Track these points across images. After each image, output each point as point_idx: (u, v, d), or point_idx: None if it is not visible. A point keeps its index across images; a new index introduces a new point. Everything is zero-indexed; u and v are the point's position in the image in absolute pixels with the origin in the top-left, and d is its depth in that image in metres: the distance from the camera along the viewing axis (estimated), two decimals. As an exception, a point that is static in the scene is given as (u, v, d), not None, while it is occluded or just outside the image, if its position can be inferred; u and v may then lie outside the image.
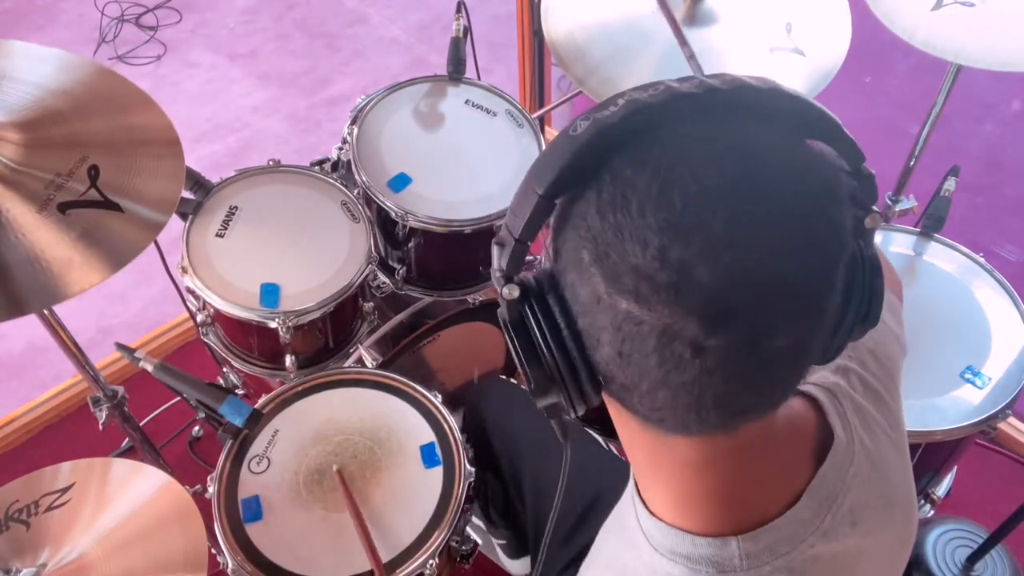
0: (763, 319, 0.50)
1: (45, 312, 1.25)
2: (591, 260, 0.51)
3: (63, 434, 2.08)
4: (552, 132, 2.67)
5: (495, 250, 0.57)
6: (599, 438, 1.46)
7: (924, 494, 1.62)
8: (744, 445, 0.60)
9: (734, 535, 0.61)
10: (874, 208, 0.58)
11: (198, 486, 1.26)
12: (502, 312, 0.58)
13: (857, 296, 0.56)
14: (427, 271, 1.69)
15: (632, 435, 0.63)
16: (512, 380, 1.70)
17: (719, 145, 0.51)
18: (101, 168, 1.11)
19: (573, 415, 0.60)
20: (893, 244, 1.60)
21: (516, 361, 0.58)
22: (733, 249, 0.49)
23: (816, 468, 0.65)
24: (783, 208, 0.50)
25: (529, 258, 0.61)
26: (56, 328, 1.29)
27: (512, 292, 0.56)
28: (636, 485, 0.68)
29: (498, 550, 1.53)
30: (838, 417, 0.68)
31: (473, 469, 1.30)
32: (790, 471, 0.65)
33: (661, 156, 0.51)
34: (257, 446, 1.32)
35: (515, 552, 1.49)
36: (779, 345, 0.52)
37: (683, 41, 1.36)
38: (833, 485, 0.65)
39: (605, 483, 1.25)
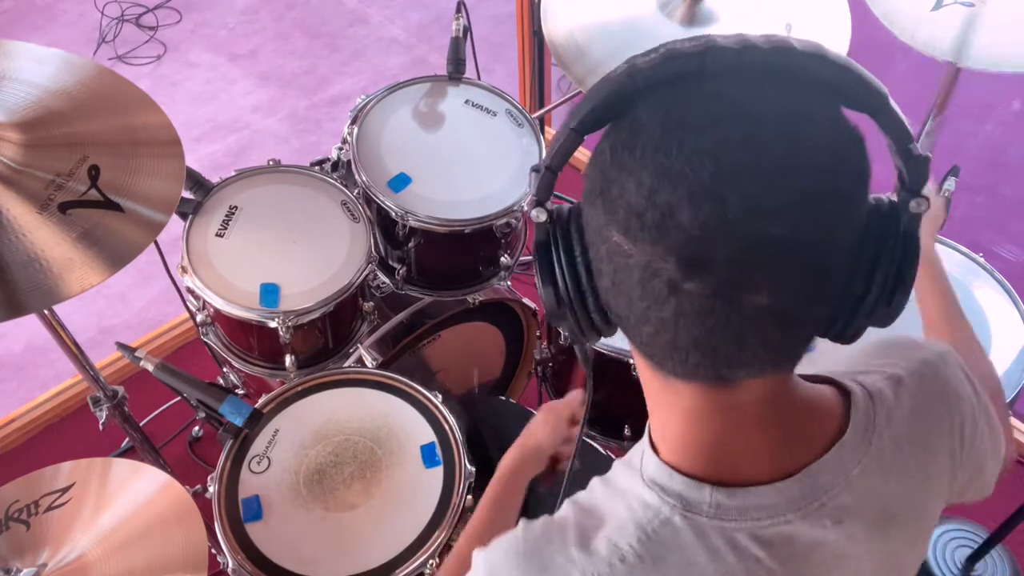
0: (741, 273, 0.52)
1: (45, 312, 1.25)
2: (598, 192, 0.55)
3: (63, 434, 2.08)
4: (552, 132, 2.67)
5: (531, 177, 0.61)
6: (596, 445, 1.46)
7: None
8: (744, 405, 0.61)
9: (710, 484, 0.63)
10: (923, 192, 0.57)
11: (198, 486, 1.26)
12: (537, 237, 0.62)
13: (882, 277, 0.57)
14: (427, 271, 1.69)
15: (643, 372, 0.65)
16: (511, 400, 1.70)
17: (731, 103, 0.53)
18: (101, 168, 1.11)
19: (586, 343, 0.64)
20: (893, 244, 1.59)
21: (536, 281, 0.63)
22: (716, 200, 0.50)
23: (822, 455, 0.65)
24: (778, 170, 0.51)
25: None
26: (56, 328, 1.29)
27: (539, 216, 0.60)
28: (649, 433, 0.70)
29: None
30: (864, 417, 0.67)
31: (473, 469, 1.30)
32: (792, 448, 0.65)
33: (675, 107, 0.53)
34: (257, 446, 1.32)
35: None
36: (760, 303, 0.53)
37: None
38: (832, 477, 0.65)
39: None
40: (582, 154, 0.60)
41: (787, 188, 0.51)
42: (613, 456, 1.47)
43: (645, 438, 0.69)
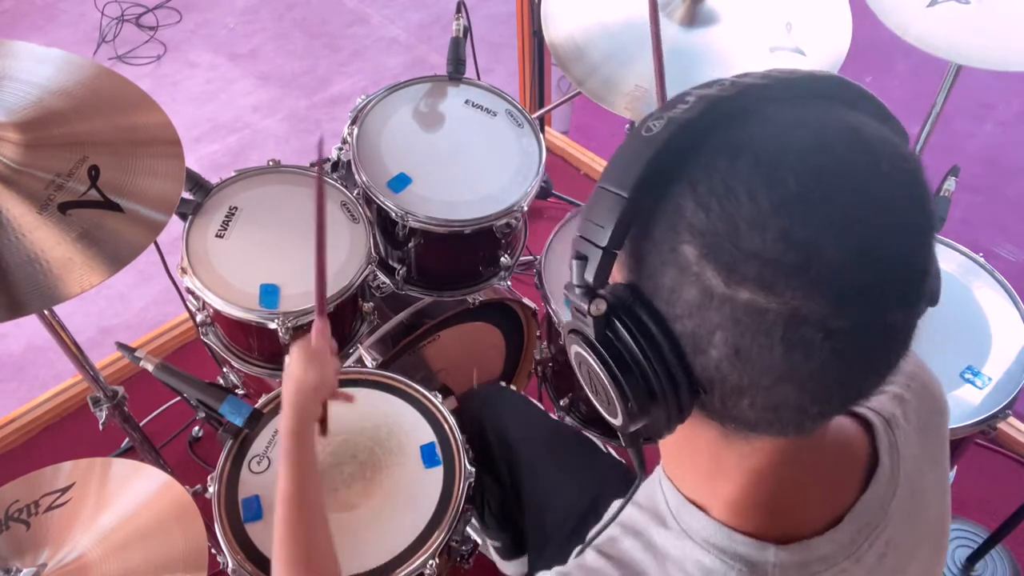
0: (885, 295, 0.49)
1: (45, 312, 1.25)
2: (700, 256, 0.49)
3: (63, 434, 2.08)
4: (552, 132, 2.67)
5: (575, 266, 0.53)
6: (598, 441, 1.46)
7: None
8: (809, 447, 0.60)
9: (773, 543, 0.61)
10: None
11: (198, 486, 1.26)
12: (581, 330, 0.54)
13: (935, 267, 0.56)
14: (427, 271, 1.69)
15: (699, 440, 0.60)
16: (512, 386, 1.70)
17: (816, 124, 0.50)
18: (101, 168, 1.11)
19: (665, 435, 0.57)
20: (893, 244, 1.59)
21: (604, 383, 0.54)
22: (856, 225, 0.47)
23: (860, 493, 0.64)
24: (894, 184, 0.50)
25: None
26: (56, 328, 1.29)
27: (600, 307, 0.52)
28: (668, 478, 0.67)
29: (492, 551, 1.53)
30: (888, 445, 0.67)
31: (473, 469, 1.30)
32: (836, 490, 0.64)
33: (758, 142, 0.49)
34: (257, 446, 1.32)
35: (510, 553, 1.49)
36: (895, 321, 0.51)
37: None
38: (874, 514, 0.65)
39: (605, 485, 1.26)
40: (581, 152, 0.59)
41: (903, 199, 0.50)
42: (613, 452, 1.47)
43: (661, 492, 0.66)
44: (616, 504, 0.72)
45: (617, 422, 0.57)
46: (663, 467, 0.69)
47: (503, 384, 1.72)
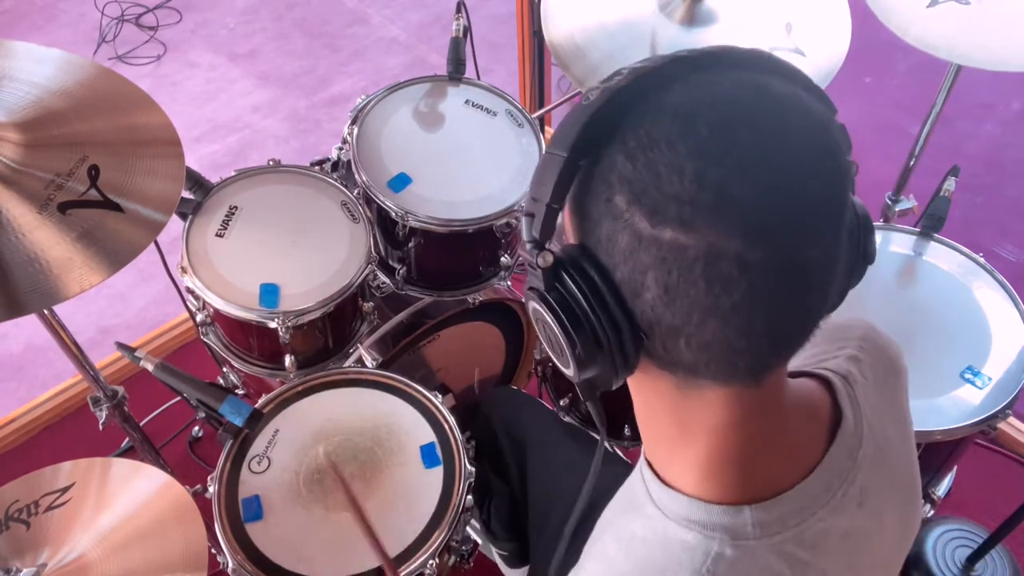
0: (798, 229, 0.53)
1: (45, 312, 1.25)
2: (628, 202, 0.53)
3: (63, 434, 2.08)
4: (552, 132, 2.67)
5: (524, 222, 0.58)
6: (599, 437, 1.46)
7: (924, 494, 1.62)
8: (766, 407, 0.62)
9: (747, 504, 0.63)
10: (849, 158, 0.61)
11: (198, 486, 1.26)
12: (534, 283, 0.59)
13: (856, 233, 0.59)
14: (427, 271, 1.69)
15: (660, 401, 0.64)
16: (522, 390, 1.70)
17: (730, 84, 0.55)
18: (101, 168, 1.11)
19: (615, 383, 0.61)
20: (893, 244, 1.60)
21: (555, 332, 0.58)
22: (764, 166, 0.52)
23: (828, 447, 0.67)
24: (800, 131, 0.54)
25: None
26: (56, 328, 1.29)
27: (547, 259, 0.57)
28: (648, 463, 0.70)
29: (499, 560, 1.53)
30: (849, 400, 0.70)
31: (473, 469, 1.30)
32: (803, 446, 0.66)
33: (678, 101, 0.54)
34: (257, 446, 1.32)
35: (517, 561, 1.49)
36: (813, 256, 0.54)
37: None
38: (843, 464, 0.67)
39: (606, 483, 1.26)
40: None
41: (812, 143, 0.54)
42: (620, 453, 1.47)
43: (651, 478, 0.68)
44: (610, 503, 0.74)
45: (570, 372, 0.61)
46: (643, 451, 0.71)
47: (515, 387, 1.72)
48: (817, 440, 0.67)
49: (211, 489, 1.27)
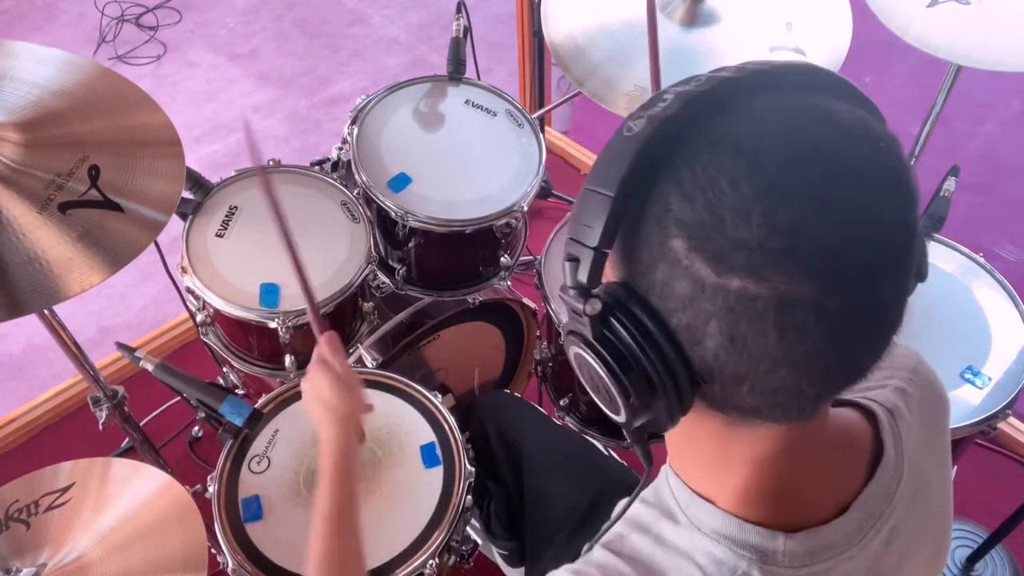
0: (872, 271, 0.50)
1: (45, 312, 1.25)
2: (688, 248, 0.49)
3: (63, 434, 2.08)
4: (552, 132, 2.67)
5: (568, 267, 0.54)
6: (598, 444, 1.46)
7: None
8: (810, 439, 0.61)
9: (782, 531, 0.61)
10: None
11: (198, 486, 1.26)
12: (579, 330, 0.55)
13: (919, 256, 0.56)
14: (427, 271, 1.69)
15: (704, 433, 0.61)
16: (516, 393, 1.70)
17: (792, 112, 0.51)
18: (101, 168, 1.11)
19: (669, 428, 0.57)
20: (893, 244, 1.59)
21: (604, 381, 0.55)
22: (838, 206, 0.48)
23: (866, 481, 0.65)
24: (871, 163, 0.51)
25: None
26: (56, 328, 1.29)
27: (595, 307, 0.53)
28: (675, 473, 0.68)
29: (499, 560, 1.53)
30: (892, 435, 0.67)
31: (473, 469, 1.30)
32: (841, 478, 0.65)
33: (736, 132, 0.50)
34: (257, 446, 1.32)
35: (518, 561, 1.49)
36: (886, 297, 0.51)
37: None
38: (880, 502, 0.65)
39: (605, 486, 1.26)
40: (581, 152, 0.60)
41: (882, 177, 0.51)
42: (615, 455, 1.47)
43: (669, 489, 0.67)
44: (623, 502, 0.72)
45: (620, 419, 0.57)
46: (670, 463, 0.69)
47: (508, 391, 1.72)
48: (856, 473, 0.65)
49: (211, 489, 1.27)
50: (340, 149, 1.63)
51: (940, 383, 0.77)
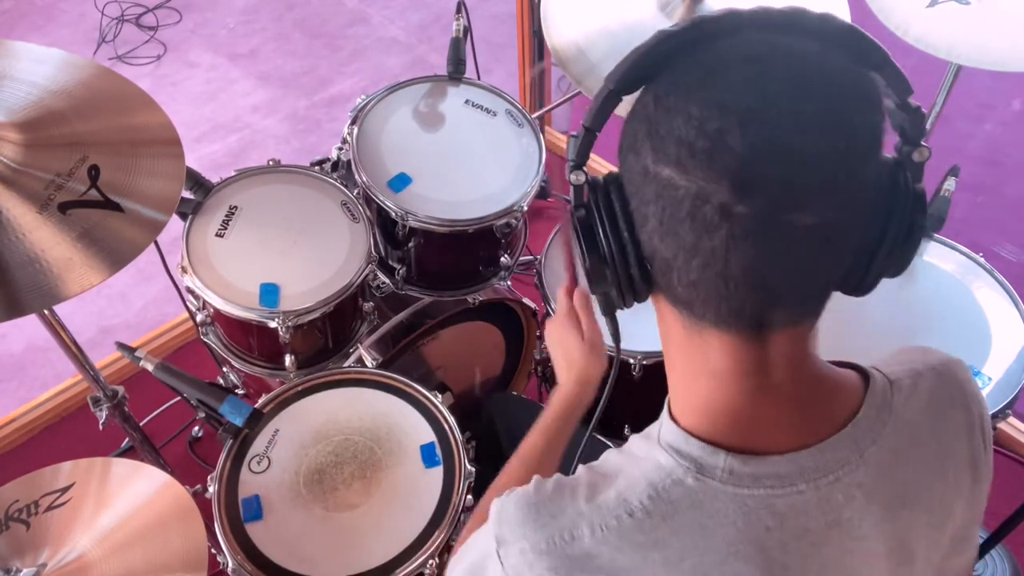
0: (789, 191, 0.54)
1: (45, 312, 1.25)
2: (644, 136, 0.58)
3: (63, 434, 2.08)
4: (552, 132, 2.67)
5: (570, 143, 0.64)
6: (607, 442, 1.46)
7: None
8: (770, 367, 0.63)
9: (725, 450, 0.64)
10: (923, 143, 0.62)
11: (198, 486, 1.26)
12: (571, 199, 0.64)
13: (896, 225, 0.61)
14: (427, 271, 1.69)
15: (673, 336, 0.67)
16: (524, 396, 1.70)
17: (763, 47, 0.57)
18: (101, 168, 1.11)
19: (625, 304, 0.66)
20: (893, 244, 1.59)
21: (575, 248, 0.66)
22: (763, 123, 0.54)
23: (839, 431, 0.66)
24: (816, 98, 0.56)
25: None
26: (56, 328, 1.29)
27: (579, 178, 0.64)
28: (668, 404, 0.71)
29: None
30: (882, 399, 0.68)
31: (473, 469, 1.30)
32: (810, 423, 0.66)
33: (712, 56, 0.58)
34: (257, 446, 1.32)
35: None
36: (806, 223, 0.55)
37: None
38: (846, 452, 0.65)
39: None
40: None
41: (824, 110, 0.55)
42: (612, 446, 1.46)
43: (665, 413, 0.70)
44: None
45: (585, 287, 0.68)
46: (668, 400, 0.72)
47: (516, 393, 1.72)
48: (828, 423, 0.66)
49: (211, 489, 1.27)
50: (340, 149, 1.63)
51: (973, 387, 0.74)
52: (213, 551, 1.20)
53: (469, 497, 1.28)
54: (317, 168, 1.60)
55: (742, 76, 0.56)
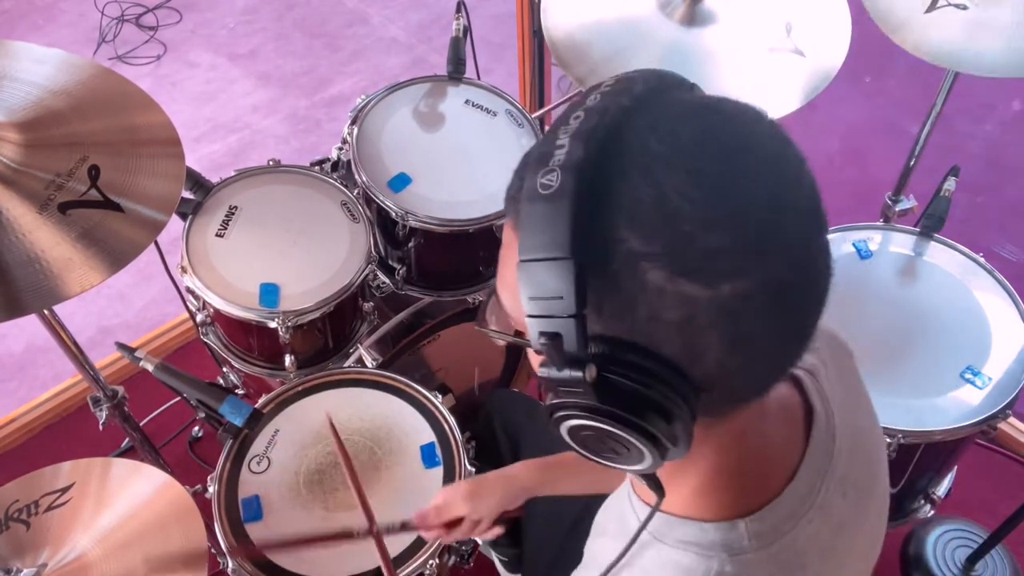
0: (809, 237, 0.53)
1: (45, 312, 1.24)
2: (669, 275, 0.49)
3: (63, 434, 2.08)
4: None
5: (548, 349, 0.52)
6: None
7: (924, 494, 1.62)
8: (760, 414, 0.63)
9: (741, 518, 0.62)
10: None
11: (198, 486, 1.26)
12: (576, 402, 0.53)
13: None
14: (427, 271, 1.69)
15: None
16: (525, 393, 1.69)
17: (695, 113, 0.54)
18: (101, 168, 1.11)
19: (687, 450, 0.56)
20: (893, 244, 1.60)
21: (624, 438, 0.53)
22: (765, 193, 0.51)
23: (806, 446, 0.67)
24: (774, 148, 0.53)
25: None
26: (56, 328, 1.29)
27: (592, 372, 0.51)
28: (633, 488, 0.69)
29: (498, 564, 1.52)
30: (818, 395, 0.69)
31: (473, 469, 1.30)
32: (786, 447, 0.66)
33: (659, 149, 0.50)
34: (257, 446, 1.32)
35: (518, 568, 1.48)
36: (820, 259, 0.54)
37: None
38: (822, 459, 0.67)
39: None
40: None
41: (782, 157, 0.53)
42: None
43: (631, 507, 0.67)
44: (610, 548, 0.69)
45: (645, 465, 0.56)
46: (628, 478, 0.69)
47: (517, 390, 1.72)
48: (795, 440, 0.67)
49: (211, 489, 1.27)
50: (340, 149, 1.63)
51: (838, 334, 0.78)
52: (213, 551, 1.20)
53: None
54: (317, 168, 1.60)
55: (717, 152, 0.51)
